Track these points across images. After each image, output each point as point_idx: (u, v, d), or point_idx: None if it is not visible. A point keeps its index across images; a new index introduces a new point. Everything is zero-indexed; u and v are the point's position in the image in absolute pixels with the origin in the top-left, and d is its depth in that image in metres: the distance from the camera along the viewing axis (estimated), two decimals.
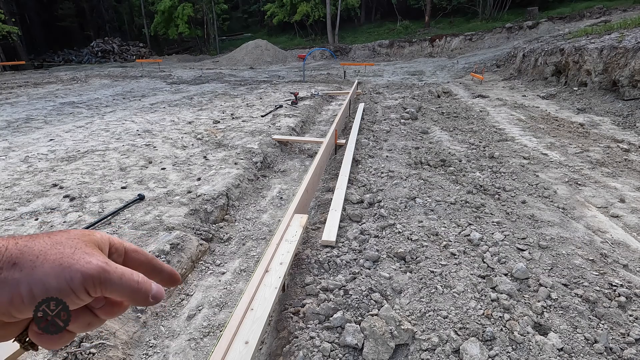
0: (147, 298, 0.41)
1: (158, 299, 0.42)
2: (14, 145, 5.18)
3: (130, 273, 0.40)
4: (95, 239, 0.41)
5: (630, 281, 2.07)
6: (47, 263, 0.36)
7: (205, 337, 2.10)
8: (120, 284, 0.39)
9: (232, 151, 4.81)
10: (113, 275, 0.38)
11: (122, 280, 0.39)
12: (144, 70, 18.65)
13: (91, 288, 0.37)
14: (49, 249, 0.37)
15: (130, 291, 0.40)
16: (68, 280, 0.36)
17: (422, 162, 4.11)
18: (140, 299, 0.41)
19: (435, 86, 10.57)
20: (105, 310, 0.41)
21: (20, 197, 3.42)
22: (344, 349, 1.67)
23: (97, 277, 0.37)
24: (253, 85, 11.96)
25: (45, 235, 0.38)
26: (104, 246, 0.42)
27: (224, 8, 31.53)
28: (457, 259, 2.28)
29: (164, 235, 2.74)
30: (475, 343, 1.63)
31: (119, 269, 0.40)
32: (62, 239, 0.38)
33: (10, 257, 0.35)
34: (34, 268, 0.35)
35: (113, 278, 0.38)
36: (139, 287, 0.40)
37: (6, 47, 23.98)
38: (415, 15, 27.57)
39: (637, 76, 6.37)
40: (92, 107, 8.38)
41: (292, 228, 2.40)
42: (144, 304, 0.42)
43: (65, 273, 0.36)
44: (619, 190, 3.43)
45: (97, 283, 0.37)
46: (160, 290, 0.43)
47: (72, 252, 0.37)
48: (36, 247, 0.36)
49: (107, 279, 0.38)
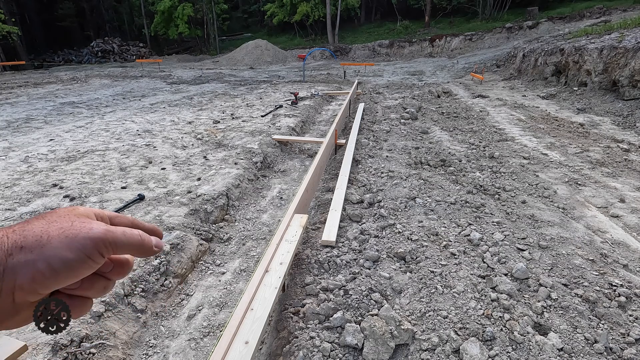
0: (151, 247, 0.45)
1: (160, 247, 0.46)
2: (14, 145, 5.18)
3: (129, 229, 0.44)
4: (80, 211, 0.43)
5: (630, 281, 2.07)
6: (53, 239, 0.38)
7: (205, 337, 2.10)
8: (125, 239, 0.42)
9: (232, 151, 4.81)
10: (117, 233, 0.41)
11: (126, 235, 0.42)
12: (144, 70, 18.65)
13: (103, 249, 0.40)
14: (48, 227, 0.39)
15: (137, 243, 0.43)
16: (81, 249, 0.38)
17: (422, 162, 4.11)
18: (147, 248, 0.44)
19: (435, 86, 10.57)
20: (115, 271, 0.45)
21: (20, 197, 3.42)
22: (344, 349, 1.67)
23: (104, 238, 0.40)
24: (253, 85, 11.96)
25: (36, 218, 0.40)
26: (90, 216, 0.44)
27: (224, 8, 31.53)
28: (457, 259, 2.28)
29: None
30: (475, 343, 1.63)
31: (119, 227, 0.43)
32: (55, 217, 0.40)
33: (14, 242, 0.37)
34: (43, 246, 0.37)
35: (118, 235, 0.41)
36: (142, 238, 0.44)
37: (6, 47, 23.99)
38: (415, 15, 27.57)
39: (637, 76, 6.37)
40: (92, 107, 8.38)
41: (292, 228, 2.41)
42: (150, 253, 0.45)
43: (75, 243, 0.38)
44: (619, 190, 3.43)
45: (107, 243, 0.40)
46: (159, 240, 0.47)
47: (71, 225, 0.39)
48: (35, 229, 0.38)
49: (114, 237, 0.41)
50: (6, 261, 0.36)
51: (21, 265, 0.36)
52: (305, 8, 26.59)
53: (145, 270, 2.37)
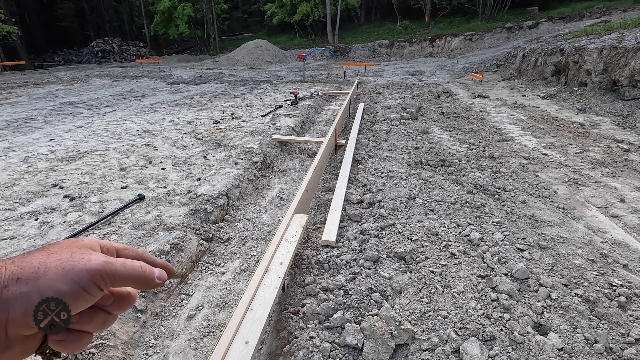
0: (153, 279, 0.43)
1: (163, 279, 0.45)
2: (14, 145, 5.18)
3: (130, 260, 0.42)
4: (85, 243, 0.42)
5: (630, 281, 2.07)
6: (49, 271, 0.37)
7: (205, 337, 2.10)
8: (125, 270, 0.40)
9: (232, 151, 4.81)
10: (116, 265, 0.40)
11: (126, 267, 0.41)
12: (144, 70, 18.65)
13: (100, 282, 0.38)
14: (47, 259, 0.38)
15: (137, 275, 0.42)
16: (77, 281, 0.37)
17: (422, 162, 4.11)
18: (147, 280, 0.43)
19: (435, 86, 10.57)
20: (116, 305, 0.43)
21: (20, 197, 3.42)
22: (344, 349, 1.67)
23: (102, 269, 0.38)
24: (253, 85, 11.96)
25: (37, 250, 0.39)
26: (94, 248, 0.43)
27: (224, 8, 31.53)
28: (457, 259, 2.28)
29: (164, 235, 2.74)
30: (475, 343, 1.63)
31: (119, 259, 0.42)
32: (56, 249, 0.39)
33: (11, 274, 0.36)
34: (39, 278, 0.36)
35: (117, 267, 0.40)
36: (143, 269, 0.42)
37: (6, 47, 23.99)
38: (415, 15, 27.57)
39: (637, 76, 6.37)
40: (92, 107, 8.38)
41: (292, 228, 2.40)
42: (152, 286, 0.43)
43: (71, 275, 0.37)
44: (619, 190, 3.43)
45: (105, 275, 0.39)
46: (162, 272, 0.45)
47: (70, 256, 0.38)
48: (34, 260, 0.37)
49: (112, 269, 0.39)
50: (1, 293, 0.35)
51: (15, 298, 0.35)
52: (305, 8, 26.59)
53: None
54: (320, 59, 23.35)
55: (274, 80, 13.70)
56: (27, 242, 2.71)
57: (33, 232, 2.86)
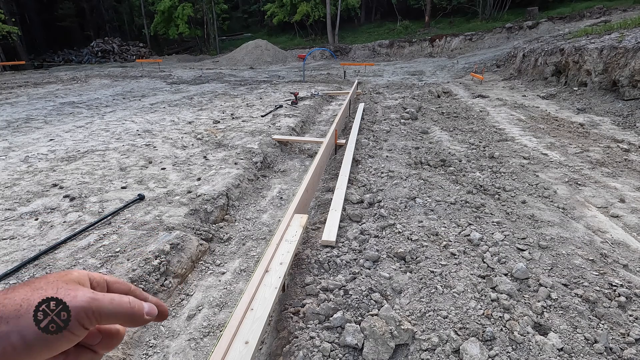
0: (142, 315, 0.41)
1: (153, 314, 0.43)
2: (14, 145, 5.18)
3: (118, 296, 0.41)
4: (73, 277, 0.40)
5: (630, 281, 2.07)
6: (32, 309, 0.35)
7: (205, 337, 2.10)
8: (112, 307, 0.39)
9: (232, 151, 4.81)
10: (103, 302, 0.38)
11: (114, 304, 0.39)
12: (144, 70, 18.65)
13: (85, 320, 0.37)
14: (31, 296, 0.36)
15: (124, 312, 0.40)
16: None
17: (422, 162, 4.11)
18: (136, 317, 0.41)
19: (435, 86, 10.57)
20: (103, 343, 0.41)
21: (20, 197, 3.42)
22: (344, 349, 1.67)
23: (87, 307, 0.37)
24: (253, 85, 11.96)
25: (24, 284, 0.38)
26: (84, 282, 0.41)
27: (224, 8, 31.53)
28: (457, 259, 2.28)
29: (164, 235, 2.74)
30: (475, 343, 1.63)
31: (107, 295, 0.40)
32: (41, 284, 0.38)
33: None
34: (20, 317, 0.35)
35: (104, 304, 0.38)
36: (132, 305, 0.41)
37: (6, 47, 23.99)
38: (415, 15, 27.57)
39: (637, 76, 6.37)
40: (92, 107, 8.38)
41: (292, 228, 2.40)
42: (140, 322, 0.42)
43: None
44: (619, 190, 3.43)
45: (90, 313, 0.37)
46: (152, 306, 0.43)
47: (55, 292, 0.37)
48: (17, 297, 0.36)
49: (98, 306, 0.38)
50: None
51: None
52: (305, 8, 26.59)
53: (145, 270, 2.37)
54: (320, 59, 23.36)
55: (274, 80, 13.70)
56: (27, 242, 2.71)
57: (33, 232, 2.86)
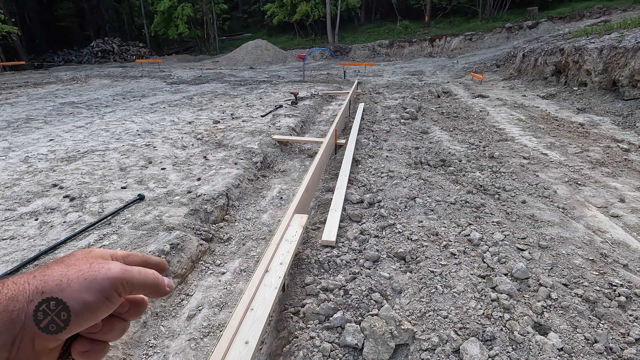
0: (164, 286, 0.45)
1: (172, 287, 0.47)
2: (14, 146, 5.17)
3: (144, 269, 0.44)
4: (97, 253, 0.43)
5: (630, 281, 2.07)
6: (72, 282, 0.38)
7: (205, 337, 2.10)
8: (141, 278, 0.42)
9: (232, 151, 4.81)
10: (134, 272, 0.42)
11: (142, 275, 0.43)
12: (144, 71, 18.64)
13: (120, 289, 0.40)
14: (67, 271, 0.39)
15: (152, 283, 0.44)
16: (100, 290, 0.38)
17: (422, 162, 4.11)
18: (161, 288, 0.45)
19: (435, 86, 10.57)
20: (131, 311, 0.44)
21: (20, 197, 3.41)
22: (344, 349, 1.67)
23: (122, 277, 0.40)
24: (253, 85, 11.96)
25: (55, 262, 0.40)
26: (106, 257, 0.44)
27: (224, 8, 31.53)
28: (457, 259, 2.28)
29: (164, 236, 2.74)
30: (475, 343, 1.63)
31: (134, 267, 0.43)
32: (73, 260, 0.41)
33: (35, 288, 0.37)
34: (63, 290, 0.37)
35: (134, 274, 0.42)
36: (156, 276, 0.45)
37: (6, 47, 23.98)
38: (415, 15, 27.57)
39: (637, 76, 6.37)
40: (92, 107, 8.38)
41: (292, 228, 2.40)
42: (163, 293, 0.45)
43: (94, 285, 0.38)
44: (619, 190, 3.43)
45: (125, 283, 0.40)
46: (170, 280, 0.47)
47: (89, 267, 0.40)
48: (55, 273, 0.38)
49: (130, 276, 0.41)
50: (27, 308, 0.36)
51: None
52: (305, 8, 26.59)
53: None
54: (320, 59, 23.35)
55: (274, 80, 13.70)
56: (27, 242, 2.71)
57: (33, 232, 2.86)
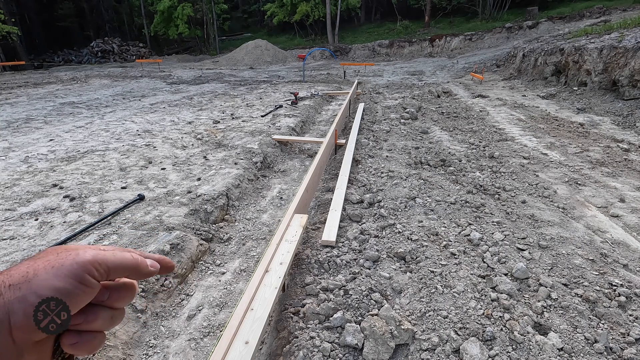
0: (146, 266, 0.43)
1: (156, 267, 0.44)
2: (14, 146, 5.17)
3: (119, 249, 0.42)
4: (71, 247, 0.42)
5: (630, 281, 2.07)
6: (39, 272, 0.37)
7: (206, 337, 2.10)
8: (116, 259, 0.40)
9: (232, 151, 4.81)
10: (107, 254, 0.40)
11: (117, 256, 0.40)
12: (144, 71, 18.64)
13: (94, 272, 0.38)
14: (34, 264, 0.38)
15: (130, 263, 0.41)
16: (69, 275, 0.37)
17: (422, 162, 4.11)
18: (141, 267, 0.42)
19: (435, 86, 10.57)
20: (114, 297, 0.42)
21: (20, 198, 3.41)
22: (344, 349, 1.67)
23: (93, 260, 0.38)
24: (253, 85, 11.96)
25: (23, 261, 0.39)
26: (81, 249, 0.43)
27: (224, 8, 31.52)
28: (457, 259, 2.28)
29: (164, 236, 2.74)
30: (475, 343, 1.63)
31: (109, 248, 0.41)
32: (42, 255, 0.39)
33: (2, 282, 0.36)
34: (29, 280, 0.36)
35: (108, 256, 0.40)
36: (134, 257, 0.42)
37: (6, 47, 23.98)
38: (415, 15, 27.57)
39: (637, 76, 6.37)
40: (92, 107, 8.38)
41: (292, 228, 2.40)
42: (145, 274, 0.43)
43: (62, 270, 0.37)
44: (619, 190, 3.43)
45: (97, 265, 0.38)
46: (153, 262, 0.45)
47: (57, 256, 0.38)
48: (21, 267, 0.37)
49: (103, 258, 0.39)
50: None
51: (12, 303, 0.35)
52: (305, 8, 26.59)
53: None
54: (320, 59, 23.35)
55: (274, 80, 13.70)
56: (27, 242, 2.71)
57: (33, 232, 2.86)
